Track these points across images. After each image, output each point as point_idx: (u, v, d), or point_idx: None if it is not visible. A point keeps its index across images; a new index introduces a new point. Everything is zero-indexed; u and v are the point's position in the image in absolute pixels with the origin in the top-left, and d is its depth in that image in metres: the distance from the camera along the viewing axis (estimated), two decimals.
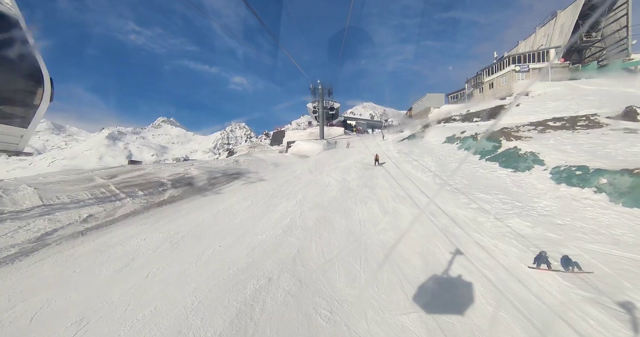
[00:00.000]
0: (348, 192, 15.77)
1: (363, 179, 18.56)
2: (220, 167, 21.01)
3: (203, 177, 18.09)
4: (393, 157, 24.72)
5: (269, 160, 27.44)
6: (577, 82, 25.86)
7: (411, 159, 22.45)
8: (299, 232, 10.44)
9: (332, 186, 16.93)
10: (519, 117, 22.42)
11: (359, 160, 25.09)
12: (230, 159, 24.34)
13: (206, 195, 15.62)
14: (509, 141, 17.39)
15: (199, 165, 20.77)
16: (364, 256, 9.01)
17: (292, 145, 35.81)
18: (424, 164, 20.15)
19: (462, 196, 13.65)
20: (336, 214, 12.43)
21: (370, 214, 12.59)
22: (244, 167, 22.24)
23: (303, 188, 16.72)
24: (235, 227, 10.97)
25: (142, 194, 14.17)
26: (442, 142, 24.53)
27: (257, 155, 32.84)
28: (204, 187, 16.72)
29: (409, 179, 17.65)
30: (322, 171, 21.65)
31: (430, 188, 15.40)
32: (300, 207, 13.24)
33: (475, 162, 17.82)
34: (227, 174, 19.41)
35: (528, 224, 10.19)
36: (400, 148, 27.86)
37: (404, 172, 19.23)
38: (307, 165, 24.57)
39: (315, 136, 44.28)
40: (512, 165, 15.21)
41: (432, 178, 16.96)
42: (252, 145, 48.30)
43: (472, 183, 14.91)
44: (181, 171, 18.82)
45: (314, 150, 32.57)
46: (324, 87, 43.28)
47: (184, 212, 12.73)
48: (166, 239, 9.69)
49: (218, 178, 18.40)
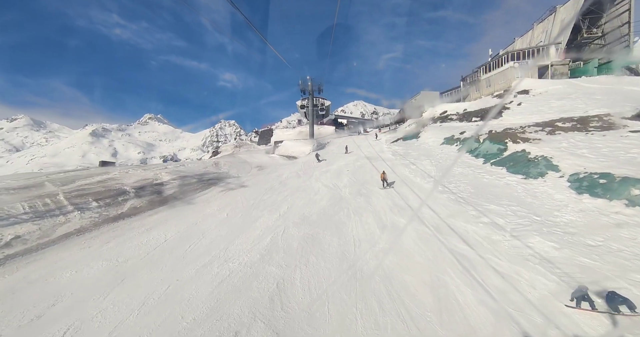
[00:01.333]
0: (340, 201, 14.05)
1: (356, 185, 16.88)
2: (197, 171, 18.93)
3: (174, 183, 16.01)
4: (388, 159, 23.16)
5: (254, 163, 25.45)
6: (578, 80, 25.01)
7: (408, 162, 20.93)
8: (281, 257, 8.63)
9: (322, 194, 15.18)
10: (522, 117, 21.24)
11: (352, 162, 23.43)
12: (209, 161, 22.26)
13: (175, 206, 13.59)
14: (516, 143, 16.06)
15: (172, 169, 18.63)
16: (361, 291, 7.30)
17: (280, 146, 33.86)
18: (423, 169, 18.64)
19: (470, 206, 12.13)
20: (326, 231, 10.68)
21: (366, 230, 10.90)
22: (223, 171, 20.20)
23: (289, 196, 14.89)
24: (203, 250, 9.07)
25: (95, 206, 12.04)
26: (440, 143, 23.14)
27: (241, 156, 30.75)
28: (174, 195, 14.66)
29: (407, 186, 16.08)
30: (311, 175, 19.86)
31: (433, 197, 13.84)
32: (284, 221, 11.42)
33: (479, 167, 16.41)
34: (204, 180, 17.36)
35: (553, 244, 8.70)
36: (395, 149, 26.36)
37: (402, 178, 17.66)
38: (295, 168, 22.72)
39: (304, 135, 42.44)
40: (522, 171, 13.83)
41: (433, 184, 15.43)
42: (238, 145, 46.02)
43: (479, 191, 13.43)
44: (150, 176, 16.68)
45: (302, 151, 30.73)
46: (313, 84, 41.44)
47: (143, 229, 10.71)
48: (110, 270, 7.71)
49: (192, 184, 16.35)
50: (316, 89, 42.45)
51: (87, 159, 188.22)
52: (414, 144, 26.59)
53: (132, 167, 19.95)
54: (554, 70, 27.56)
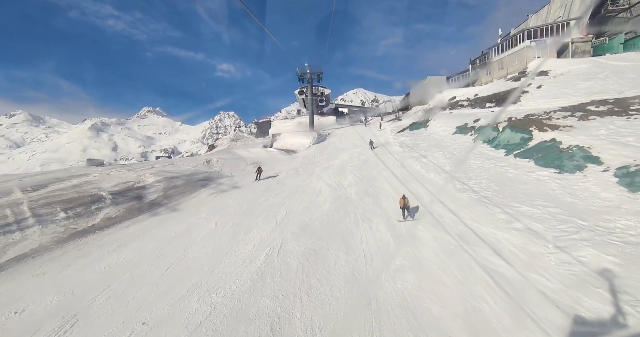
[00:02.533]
0: (345, 204, 12.43)
1: (362, 183, 15.22)
2: (185, 171, 17.28)
3: (159, 186, 14.40)
4: (395, 151, 21.40)
5: (249, 159, 23.75)
6: (603, 58, 22.83)
7: (418, 154, 19.18)
8: (277, 283, 7.07)
9: (325, 195, 13.54)
10: (544, 101, 19.27)
11: (356, 156, 21.70)
12: (201, 159, 20.59)
13: (157, 213, 12.02)
14: (543, 132, 14.24)
15: (158, 170, 16.99)
16: (378, 328, 5.76)
17: (278, 138, 32.05)
18: (435, 162, 16.91)
19: (497, 208, 10.48)
20: (331, 244, 9.10)
21: (378, 240, 9.32)
22: (215, 170, 18.55)
23: (287, 199, 13.27)
24: (182, 274, 7.52)
25: (62, 218, 10.48)
26: (452, 132, 21.30)
27: (237, 151, 29.02)
28: (157, 201, 13.08)
29: (419, 182, 14.42)
30: (312, 172, 18.19)
31: (452, 196, 12.18)
32: (281, 232, 9.84)
33: (500, 160, 14.66)
34: (192, 181, 15.74)
35: (612, 258, 7.08)
36: (402, 140, 24.54)
37: (412, 173, 15.97)
38: (294, 164, 21.04)
39: (304, 127, 40.49)
40: (554, 163, 12.09)
41: (451, 182, 13.73)
42: (235, 138, 44.17)
43: (505, 189, 11.75)
44: (132, 178, 15.07)
45: (302, 144, 28.95)
46: (312, 72, 39.09)
47: (115, 245, 9.16)
48: (61, 309, 6.18)
49: (179, 187, 14.74)
50: (315, 77, 40.16)
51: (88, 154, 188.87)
52: (422, 133, 24.72)
53: (116, 167, 18.33)
54: (574, 48, 25.30)
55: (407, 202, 10.08)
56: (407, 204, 10.01)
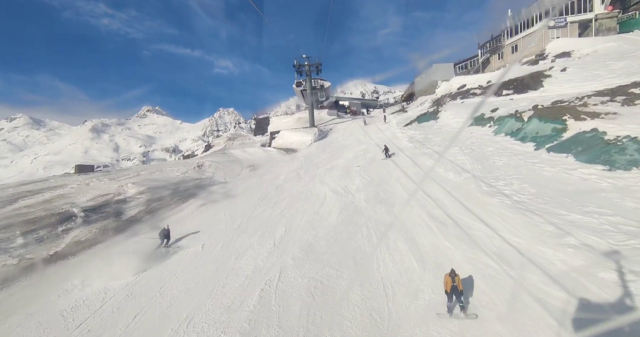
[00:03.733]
0: (355, 214, 10.72)
1: (372, 187, 13.49)
2: (173, 179, 15.62)
3: (141, 198, 12.76)
4: (405, 147, 19.58)
5: (246, 160, 22.06)
6: (633, 34, 20.70)
7: (431, 150, 17.37)
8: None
9: (330, 204, 11.84)
10: (571, 85, 17.29)
11: (361, 154, 19.92)
12: (191, 163, 18.93)
13: (136, 233, 10.42)
14: (580, 121, 12.36)
15: (143, 178, 15.35)
16: None
17: (277, 137, 30.28)
18: (452, 159, 15.10)
19: (538, 217, 8.73)
20: (342, 271, 7.44)
21: (398, 264, 7.63)
22: (207, 176, 16.88)
23: (287, 210, 11.59)
24: (153, 325, 5.89)
25: (19, 245, 8.88)
26: (468, 124, 19.41)
27: (233, 151, 27.32)
28: (138, 217, 11.46)
29: (437, 184, 12.65)
30: (314, 175, 16.47)
31: (479, 202, 10.43)
32: (280, 256, 8.17)
33: (530, 155, 12.84)
34: (180, 191, 14.09)
35: None
36: (411, 134, 22.69)
37: (427, 172, 14.19)
38: (294, 166, 19.31)
39: (304, 122, 38.60)
40: (601, 159, 10.29)
41: (475, 184, 11.95)
42: (232, 137, 42.41)
43: (543, 192, 9.97)
44: (112, 190, 13.45)
45: (302, 141, 27.17)
46: (311, 63, 36.96)
47: (77, 281, 7.56)
48: None
49: (164, 199, 13.10)
50: (314, 69, 38.02)
51: (90, 155, 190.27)
52: (433, 126, 22.84)
53: (98, 176, 16.71)
54: (598, 25, 23.08)
55: (459, 283, 5.77)
56: (459, 287, 5.73)
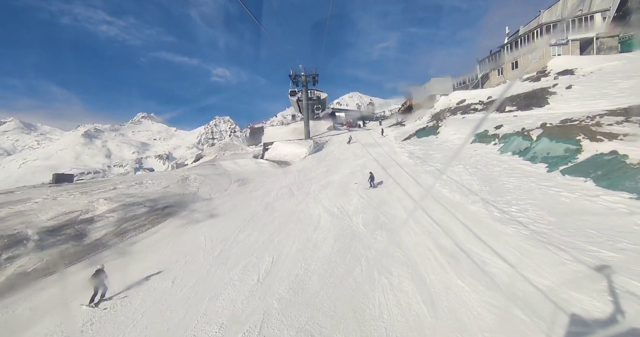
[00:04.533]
0: (353, 242, 9.52)
1: (371, 208, 12.36)
2: (152, 194, 14.27)
3: (111, 217, 11.37)
4: (405, 164, 18.63)
5: (235, 173, 20.79)
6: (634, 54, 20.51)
7: (433, 168, 16.41)
8: None
9: (325, 228, 10.63)
10: (579, 103, 16.70)
11: (359, 170, 18.87)
12: (175, 176, 17.59)
13: (100, 259, 8.97)
14: (596, 142, 11.56)
15: (119, 193, 13.98)
16: None
17: (270, 148, 29.16)
18: (457, 178, 14.14)
19: (563, 252, 7.66)
20: (338, 320, 6.19)
21: (404, 309, 6.41)
22: (191, 191, 15.56)
23: (276, 234, 10.34)
24: None
25: None
26: (471, 141, 18.63)
27: (223, 163, 26.04)
28: (104, 241, 10.05)
29: (443, 207, 11.60)
30: (308, 192, 15.30)
31: (491, 230, 9.35)
32: (263, 298, 6.89)
33: (543, 177, 11.91)
34: (157, 209, 12.74)
35: None
36: (411, 149, 21.82)
37: (430, 193, 13.15)
38: (287, 181, 18.13)
39: (299, 133, 37.72)
40: (626, 185, 9.39)
41: (483, 207, 10.91)
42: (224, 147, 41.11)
43: (564, 222, 8.95)
44: (80, 206, 12.06)
45: (297, 154, 26.09)
46: (307, 74, 36.44)
47: (5, 331, 6.12)
48: None
49: (138, 218, 11.72)
50: (310, 79, 37.50)
51: (81, 161, 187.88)
52: (433, 142, 22.04)
53: (71, 189, 15.28)
54: (600, 44, 23.00)
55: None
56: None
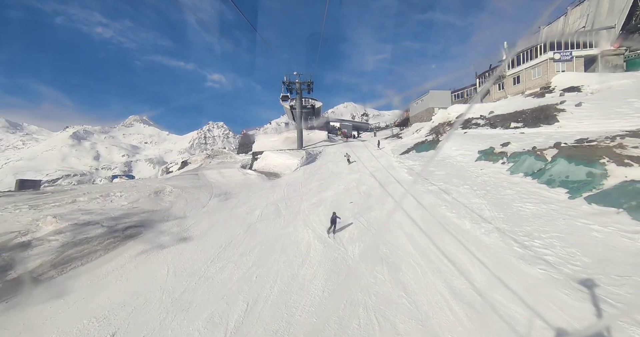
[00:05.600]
0: (348, 282, 7.85)
1: (369, 234, 10.75)
2: (114, 211, 12.34)
3: (54, 242, 9.43)
4: (404, 180, 17.18)
5: (218, 186, 18.95)
6: None
7: (436, 187, 14.98)
8: None
9: (315, 262, 8.93)
10: (592, 121, 15.70)
11: (354, 186, 17.33)
12: (147, 189, 15.67)
13: (15, 305, 7.04)
14: (624, 166, 10.33)
15: (75, 208, 12.03)
16: None
17: (260, 158, 27.45)
18: (465, 201, 12.71)
19: (612, 308, 6.16)
20: None
21: None
22: (163, 207, 13.67)
23: (254, 269, 8.58)
24: None
25: None
26: (475, 158, 17.38)
27: (207, 172, 24.16)
28: (39, 273, 8.10)
29: (452, 236, 10.08)
30: (298, 212, 13.61)
31: (514, 271, 7.83)
32: None
33: (564, 205, 10.56)
34: (118, 229, 10.82)
35: None
36: (410, 165, 20.47)
37: (437, 217, 11.66)
38: (275, 196, 16.40)
39: (291, 143, 36.19)
40: None
41: (500, 239, 9.42)
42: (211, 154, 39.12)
43: (603, 264, 7.51)
44: (20, 226, 10.11)
45: (287, 165, 24.43)
46: (302, 81, 35.21)
47: None
48: None
49: (90, 241, 9.80)
50: (305, 87, 36.25)
51: (68, 163, 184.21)
52: (433, 157, 20.78)
53: (21, 201, 13.23)
54: (605, 61, 22.48)
55: None
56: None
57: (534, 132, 17.55)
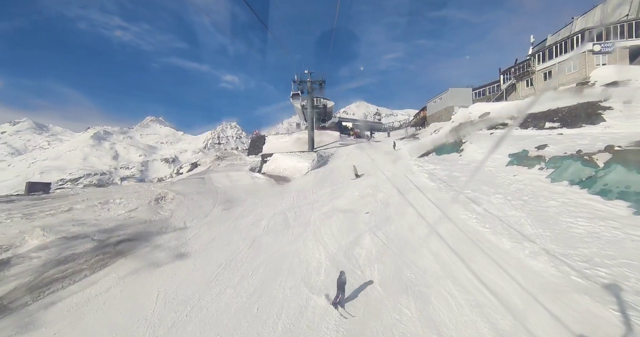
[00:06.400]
0: (366, 320, 6.47)
1: (389, 254, 9.31)
2: (108, 222, 11.42)
3: (36, 260, 8.50)
4: (426, 187, 15.56)
5: (224, 191, 17.90)
6: None
7: (462, 195, 13.32)
8: None
9: (325, 287, 7.59)
10: None
11: (370, 193, 15.88)
12: (150, 194, 14.78)
13: None
14: None
15: (67, 218, 11.18)
16: None
17: (269, 161, 26.36)
18: (498, 213, 11.05)
19: None
20: None
21: None
22: (162, 216, 12.67)
23: (255, 298, 7.33)
24: None
25: None
26: (506, 163, 15.59)
27: (214, 176, 23.25)
28: (9, 299, 7.13)
29: (487, 256, 8.53)
30: (308, 223, 12.31)
31: (579, 310, 6.24)
32: None
33: (628, 222, 8.79)
34: (109, 243, 9.83)
35: None
36: (431, 169, 18.79)
37: (469, 234, 10.09)
38: (283, 204, 15.17)
39: (303, 144, 34.98)
40: None
41: (551, 263, 7.79)
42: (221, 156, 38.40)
43: None
44: (4, 240, 9.25)
45: (298, 169, 23.20)
46: (313, 80, 33.91)
47: None
48: None
49: (77, 259, 8.84)
50: (317, 86, 34.89)
51: (89, 162, 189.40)
52: (457, 161, 19.02)
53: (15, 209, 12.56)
54: None
55: None
56: None
57: (575, 133, 15.57)
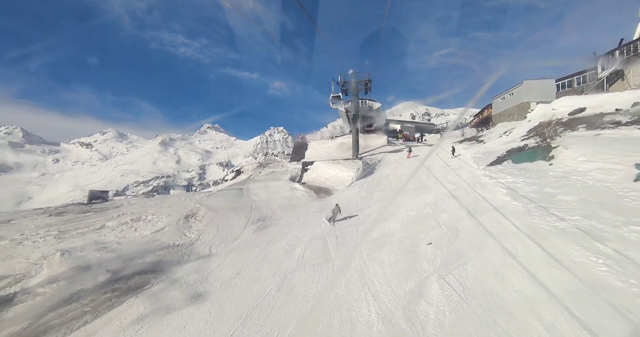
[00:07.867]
0: None
1: (471, 318, 6.45)
2: (131, 245, 10.44)
3: (39, 298, 7.54)
4: (507, 208, 11.96)
5: (259, 206, 16.39)
6: None
7: (569, 224, 9.60)
8: None
9: None
10: None
11: (430, 213, 12.85)
12: (181, 210, 13.86)
13: None
14: None
15: (91, 241, 10.47)
16: None
17: (310, 169, 24.55)
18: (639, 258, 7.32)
19: None
20: None
21: None
22: (188, 239, 11.41)
23: None
24: None
25: None
26: (633, 177, 11.28)
27: (253, 186, 22.15)
28: None
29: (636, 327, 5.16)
30: (352, 254, 9.91)
31: None
32: None
33: None
34: (121, 277, 8.68)
35: None
36: (509, 182, 14.92)
37: (593, 289, 6.68)
38: (322, 227, 12.96)
39: (347, 149, 32.67)
40: None
41: None
42: (263, 163, 37.93)
43: None
44: (21, 267, 8.71)
45: (341, 179, 20.90)
46: (358, 80, 31.31)
47: None
48: None
49: (82, 299, 7.73)
50: (362, 87, 32.25)
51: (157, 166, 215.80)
52: (546, 172, 14.83)
53: (57, 224, 12.49)
54: None
55: None
56: None
57: None
